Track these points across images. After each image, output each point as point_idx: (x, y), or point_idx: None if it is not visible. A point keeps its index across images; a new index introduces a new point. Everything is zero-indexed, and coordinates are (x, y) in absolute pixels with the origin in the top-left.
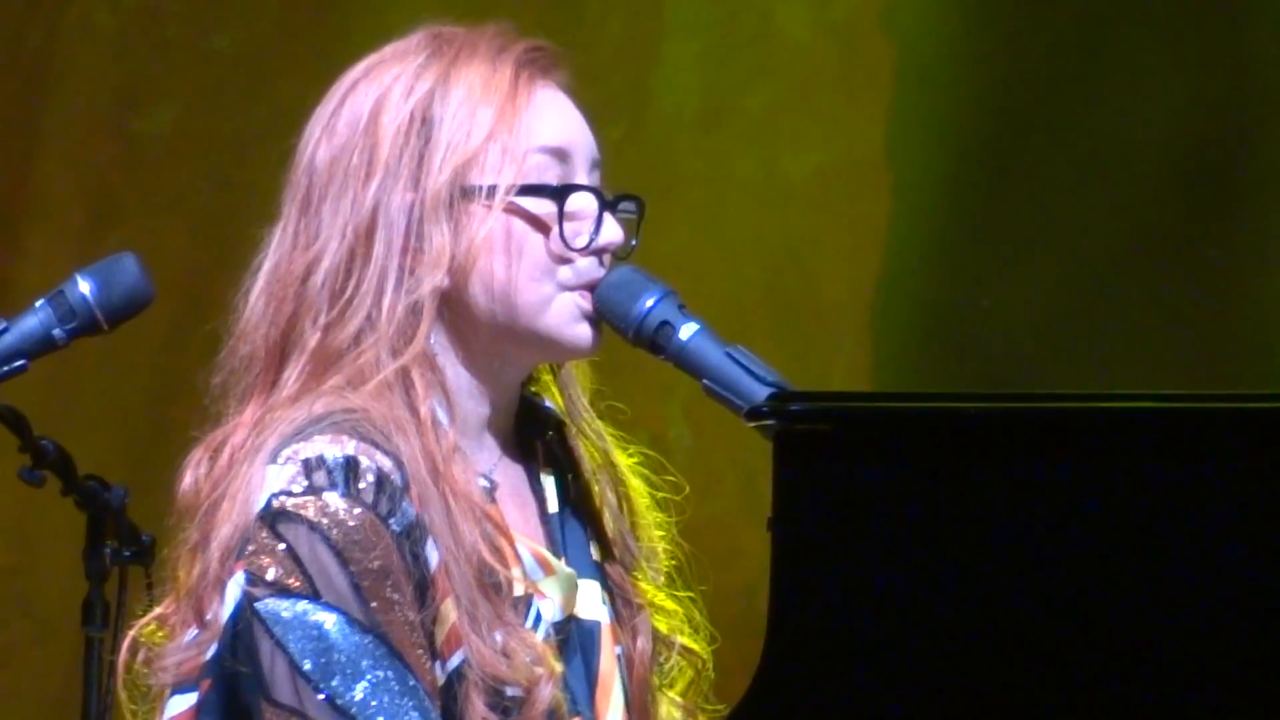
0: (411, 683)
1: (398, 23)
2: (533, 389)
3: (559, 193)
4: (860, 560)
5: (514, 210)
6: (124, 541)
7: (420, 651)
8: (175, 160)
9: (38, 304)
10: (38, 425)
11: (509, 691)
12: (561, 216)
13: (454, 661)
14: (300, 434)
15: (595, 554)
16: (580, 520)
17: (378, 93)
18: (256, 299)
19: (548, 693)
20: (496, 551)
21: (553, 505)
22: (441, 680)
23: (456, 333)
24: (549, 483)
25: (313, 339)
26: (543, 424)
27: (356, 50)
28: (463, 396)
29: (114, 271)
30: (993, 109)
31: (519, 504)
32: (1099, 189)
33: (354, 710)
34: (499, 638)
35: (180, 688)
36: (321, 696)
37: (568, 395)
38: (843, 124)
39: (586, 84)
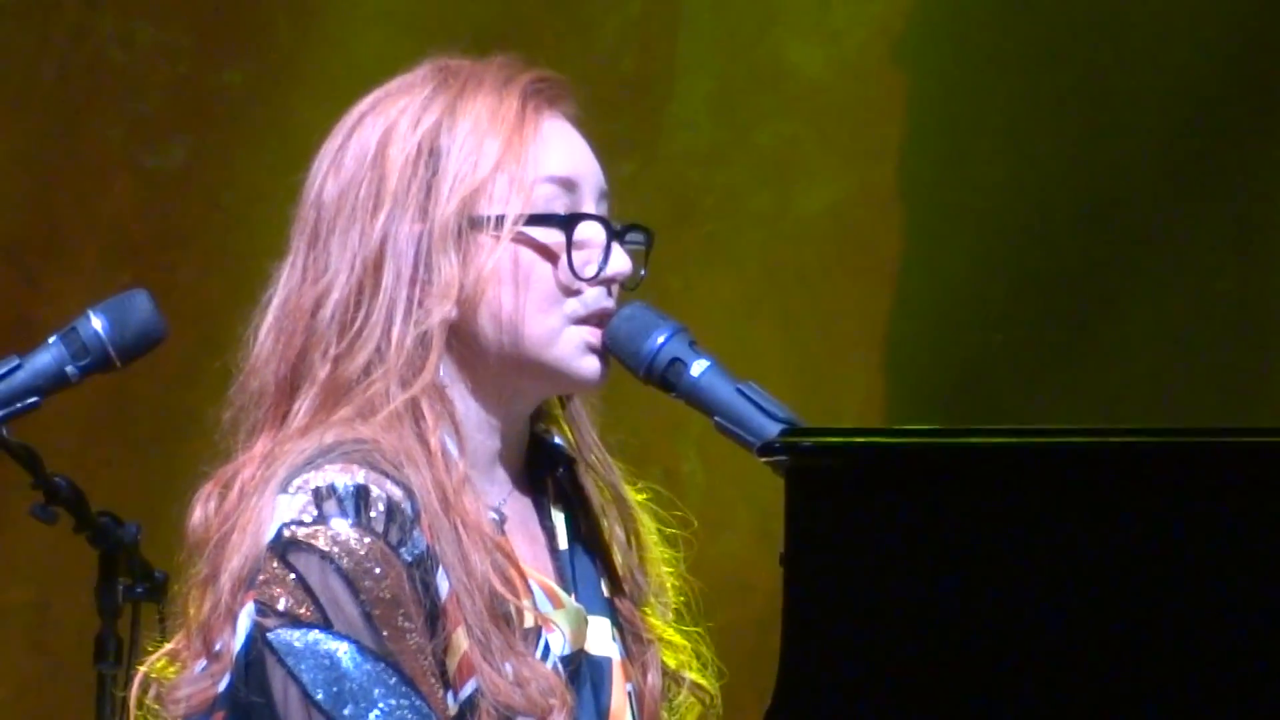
0: (425, 710)
1: (409, 58)
2: (543, 426)
3: (567, 222)
4: (872, 595)
5: (522, 240)
6: (137, 578)
7: (433, 680)
8: (188, 196)
9: (50, 340)
10: (49, 462)
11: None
12: (570, 245)
13: (466, 691)
14: (310, 464)
15: (605, 590)
16: (590, 557)
17: (384, 125)
18: (266, 334)
19: (562, 719)
20: (508, 582)
21: (563, 542)
22: (454, 711)
23: (465, 364)
24: (559, 519)
25: (322, 371)
26: (553, 460)
27: (367, 86)
28: (472, 428)
29: (126, 308)
30: (1007, 141)
31: (529, 539)
32: (1114, 219)
33: None
34: (511, 667)
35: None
36: None
37: (577, 430)
38: (855, 158)
39: (599, 119)
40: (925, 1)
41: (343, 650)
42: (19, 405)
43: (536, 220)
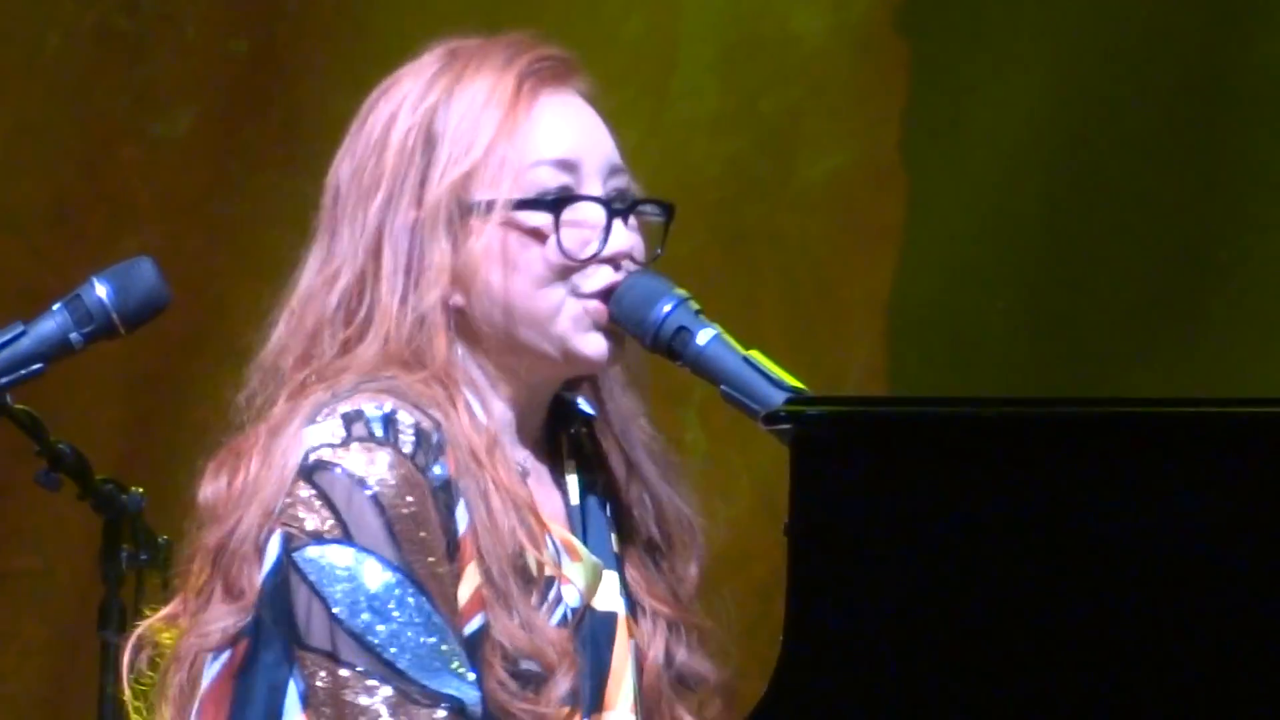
0: (439, 623)
1: (417, 26)
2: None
3: (554, 205)
4: (876, 564)
5: (512, 224)
6: (141, 546)
7: (451, 599)
8: (193, 164)
9: (54, 308)
10: (53, 429)
11: (525, 664)
12: (558, 227)
13: (471, 627)
14: (339, 397)
15: (615, 547)
16: (602, 513)
17: (390, 111)
18: (283, 316)
19: (566, 683)
20: (533, 540)
21: (575, 497)
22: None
23: (475, 344)
24: (572, 476)
25: (330, 353)
26: (569, 418)
27: (376, 54)
28: (490, 400)
29: (131, 275)
30: (1009, 109)
31: (546, 493)
32: (1114, 190)
33: (380, 648)
34: (523, 616)
35: (217, 654)
36: (351, 636)
37: (601, 391)
38: (858, 127)
39: (602, 88)
40: None
41: (362, 562)
42: (22, 372)
43: (525, 205)
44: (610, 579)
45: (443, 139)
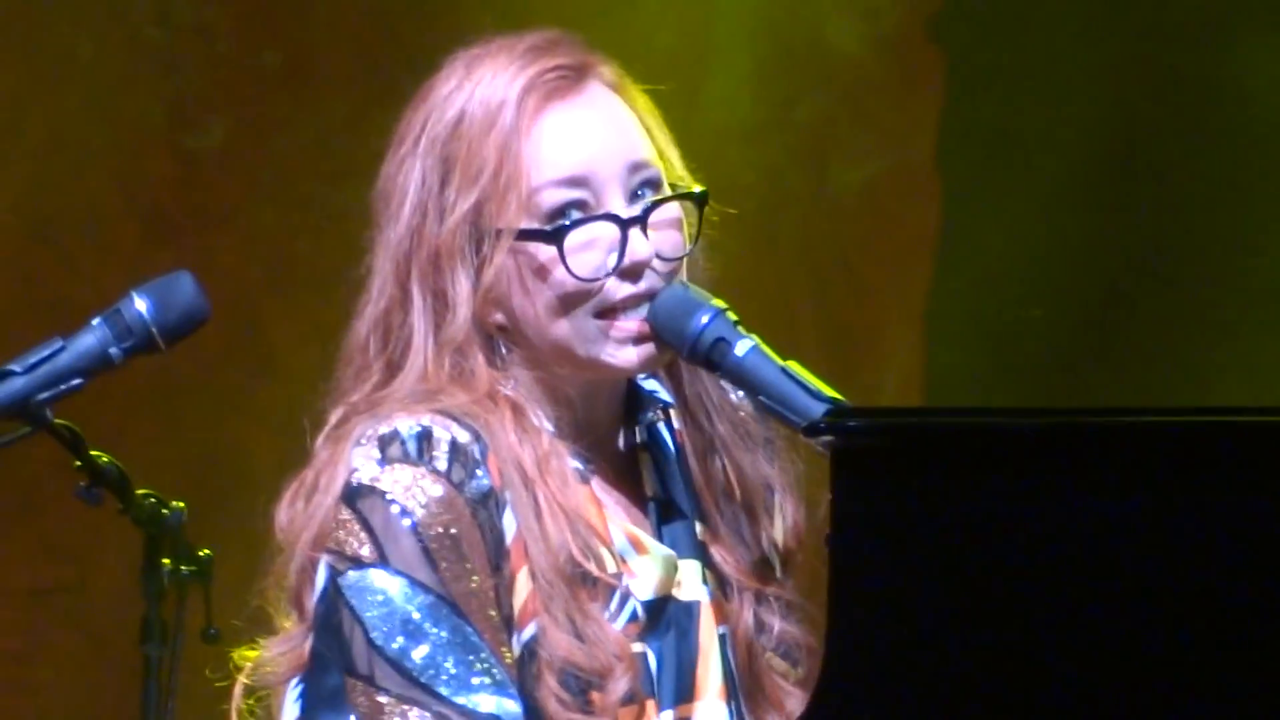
0: (475, 640)
1: (449, 36)
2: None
3: (553, 236)
4: (917, 574)
5: (522, 253)
6: (181, 560)
7: (492, 613)
8: (226, 176)
9: (94, 322)
10: (88, 442)
11: (581, 675)
12: (564, 255)
13: (527, 633)
14: (379, 417)
15: (699, 533)
16: (681, 501)
17: (414, 133)
18: (347, 337)
19: (624, 685)
20: (587, 548)
21: (649, 488)
22: (517, 651)
23: (521, 357)
24: (646, 466)
25: (375, 379)
26: (643, 408)
27: (409, 64)
28: (548, 404)
29: (170, 290)
30: (1043, 115)
31: (616, 486)
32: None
33: (416, 672)
34: (575, 624)
35: (294, 681)
36: (387, 661)
37: (685, 381)
38: (893, 134)
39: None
40: None
41: (395, 586)
42: (62, 387)
43: (527, 235)
44: (690, 568)
45: (455, 167)
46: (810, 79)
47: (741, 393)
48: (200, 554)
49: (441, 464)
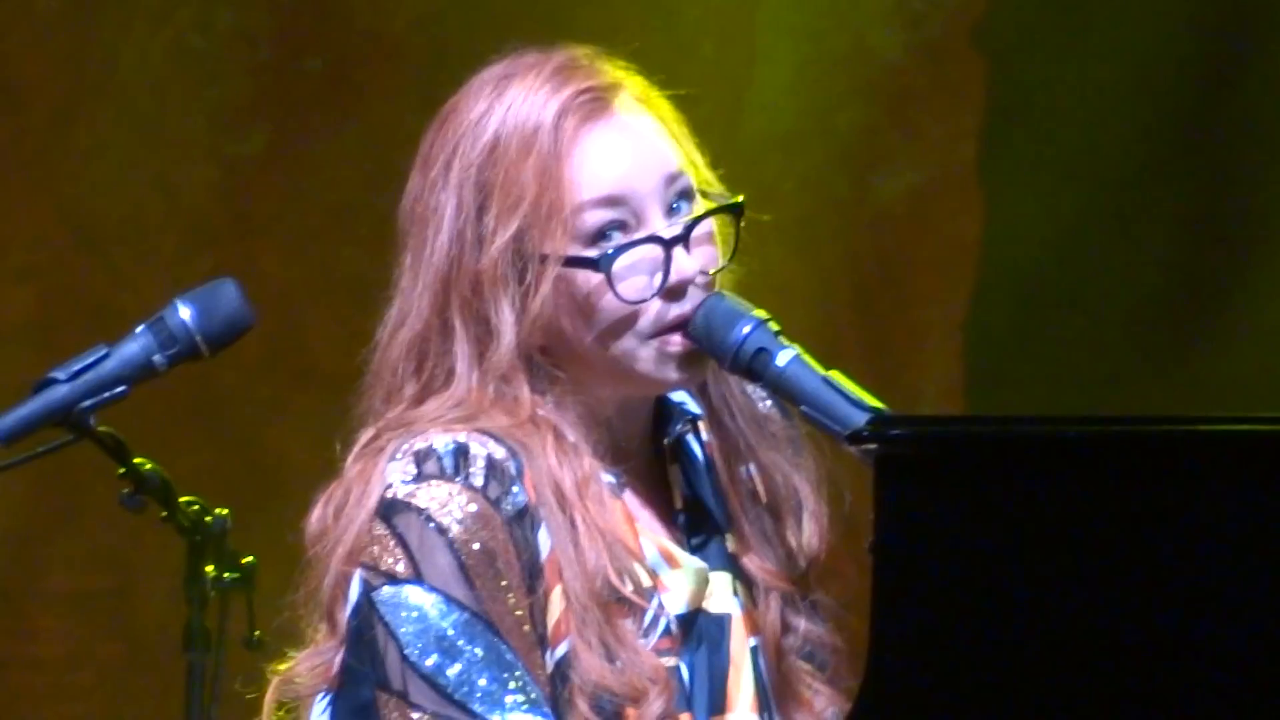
0: (509, 658)
1: (491, 42)
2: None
3: (599, 263)
4: (963, 583)
5: (568, 276)
6: (225, 567)
7: (526, 630)
8: (267, 183)
9: (138, 330)
10: (131, 450)
11: (612, 699)
12: (611, 279)
13: (560, 651)
14: (416, 433)
15: (729, 545)
16: (710, 513)
17: (445, 154)
18: (377, 357)
19: (659, 706)
20: (624, 571)
21: (679, 501)
22: (550, 668)
23: (562, 380)
24: (676, 478)
25: (408, 397)
26: (673, 419)
27: (451, 72)
28: (587, 425)
29: (214, 297)
30: (1087, 124)
31: (647, 500)
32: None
33: (450, 689)
34: (609, 647)
35: (322, 694)
36: (421, 678)
37: (710, 384)
38: (935, 142)
39: (679, 106)
40: None
41: (430, 602)
42: (107, 394)
43: (573, 262)
44: (721, 580)
45: (493, 194)
46: (852, 87)
47: (764, 395)
48: (244, 561)
49: (478, 480)
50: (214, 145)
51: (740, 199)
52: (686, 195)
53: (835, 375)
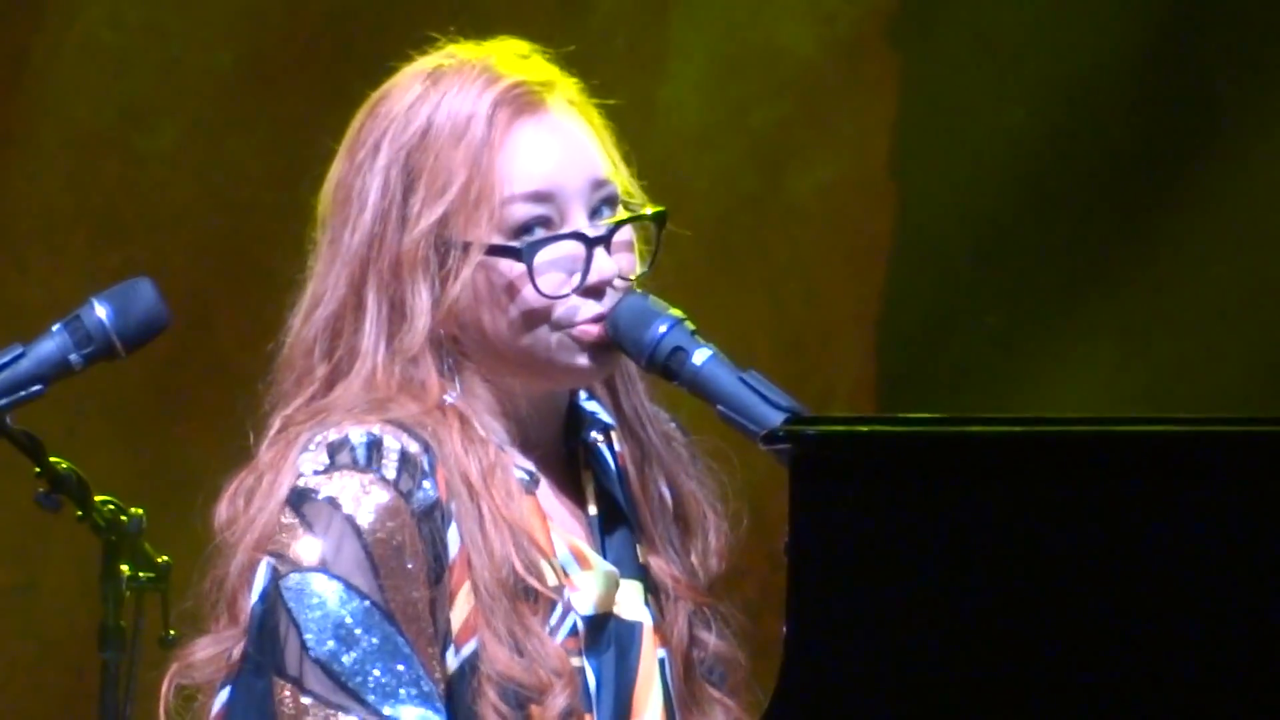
0: (406, 651)
1: (402, 40)
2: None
3: (522, 253)
4: (876, 585)
5: (489, 267)
6: (140, 566)
7: (425, 626)
8: (178, 178)
9: (54, 329)
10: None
11: (520, 690)
12: (532, 271)
13: (466, 650)
14: (329, 424)
15: (640, 554)
16: (623, 520)
17: (374, 138)
18: (285, 337)
19: (562, 700)
20: (530, 564)
21: (592, 507)
22: (454, 666)
23: (471, 369)
24: (589, 483)
25: (317, 383)
26: (585, 426)
27: (362, 68)
28: (495, 414)
29: (130, 297)
30: (1001, 124)
31: (561, 501)
32: (1106, 203)
33: (344, 677)
34: (516, 638)
35: (224, 684)
36: (317, 664)
37: (617, 395)
38: (847, 139)
39: (590, 98)
40: None
41: (332, 590)
42: (22, 394)
43: (496, 250)
44: (632, 588)
45: (420, 177)
46: (765, 84)
47: (669, 416)
48: (159, 561)
49: (390, 473)
50: (124, 140)
51: (663, 209)
52: (610, 202)
53: (752, 375)
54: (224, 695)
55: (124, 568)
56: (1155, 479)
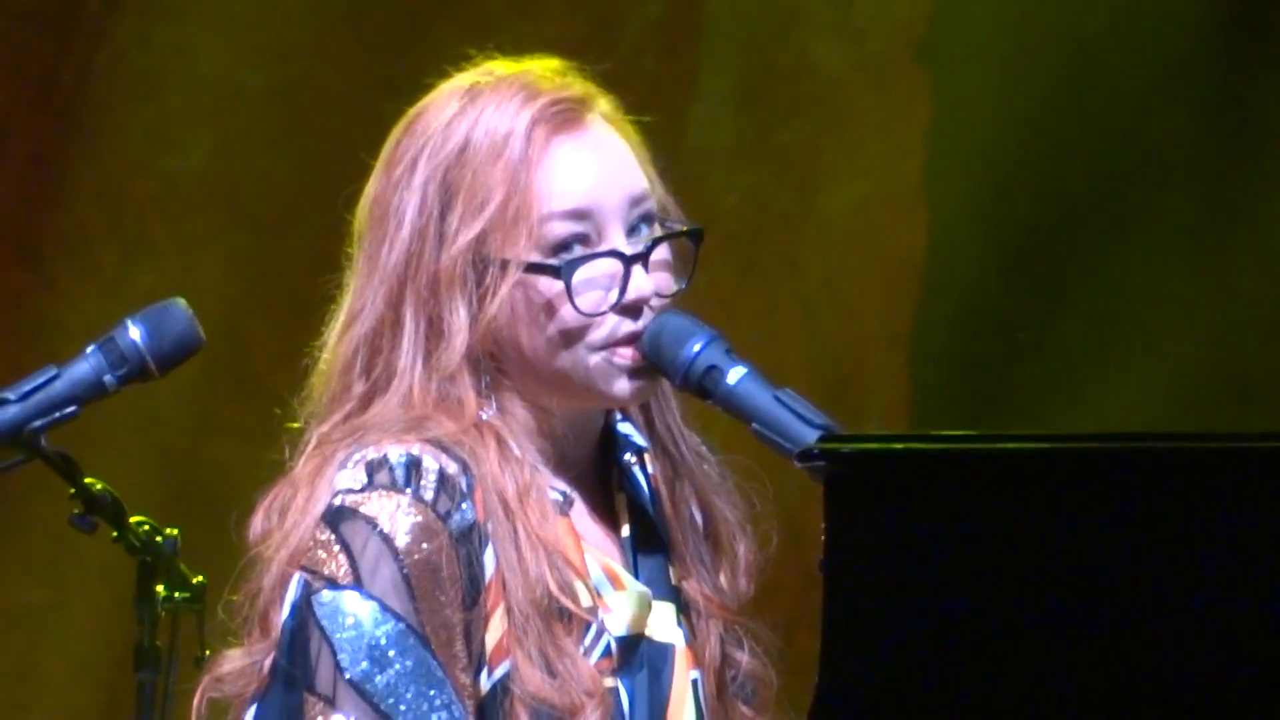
0: (439, 674)
1: (430, 60)
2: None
3: (560, 272)
4: (912, 602)
5: (527, 285)
6: (175, 586)
7: (458, 649)
8: (207, 199)
9: (88, 350)
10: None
11: (553, 712)
12: (570, 290)
13: (499, 672)
14: (367, 442)
15: (673, 576)
16: (656, 542)
17: (412, 154)
18: (328, 348)
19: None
20: (565, 585)
21: (625, 529)
22: (487, 688)
23: (508, 388)
24: (623, 506)
25: (354, 401)
26: (619, 447)
27: (390, 88)
28: (532, 436)
29: (164, 318)
30: (1031, 140)
31: (595, 522)
32: (1138, 220)
33: (377, 699)
34: (549, 659)
35: (254, 698)
36: (349, 684)
37: (651, 416)
38: (879, 157)
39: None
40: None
41: (366, 610)
42: (57, 415)
43: (535, 268)
44: (665, 610)
45: (458, 194)
46: (796, 102)
47: (700, 439)
48: (194, 581)
49: (428, 494)
50: (154, 161)
51: (700, 227)
52: (648, 219)
53: (787, 392)
54: (253, 710)
55: (159, 588)
56: (1195, 495)
